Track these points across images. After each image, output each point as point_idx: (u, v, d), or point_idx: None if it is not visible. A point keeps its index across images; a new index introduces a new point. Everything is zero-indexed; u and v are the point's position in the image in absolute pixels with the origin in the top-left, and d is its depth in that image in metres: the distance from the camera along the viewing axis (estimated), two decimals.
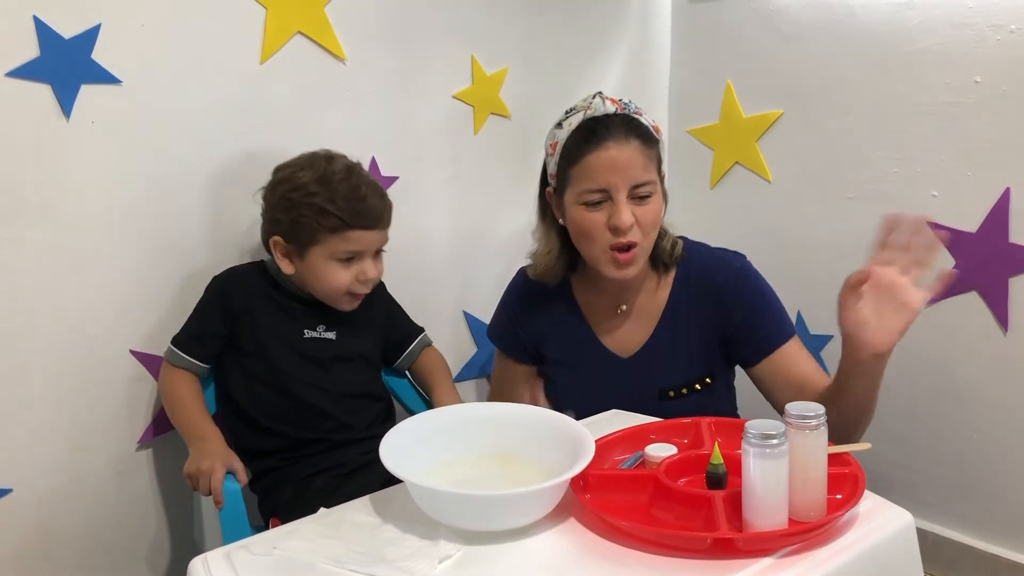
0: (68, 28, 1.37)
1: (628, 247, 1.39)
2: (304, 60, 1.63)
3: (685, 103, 2.20)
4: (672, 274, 1.51)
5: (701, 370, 1.50)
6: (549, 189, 1.48)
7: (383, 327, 1.62)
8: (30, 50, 1.34)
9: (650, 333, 1.50)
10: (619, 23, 2.11)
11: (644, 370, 1.50)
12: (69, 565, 1.51)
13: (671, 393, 1.49)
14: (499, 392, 1.67)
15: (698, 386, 1.49)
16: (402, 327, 1.66)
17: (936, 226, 1.73)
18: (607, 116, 1.40)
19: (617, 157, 1.36)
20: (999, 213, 1.64)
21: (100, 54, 1.40)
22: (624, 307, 1.52)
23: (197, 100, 1.52)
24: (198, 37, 1.50)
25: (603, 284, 1.51)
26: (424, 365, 1.65)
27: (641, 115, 1.42)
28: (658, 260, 1.50)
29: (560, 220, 1.47)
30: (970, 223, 1.69)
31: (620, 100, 1.43)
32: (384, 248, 1.50)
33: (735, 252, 1.53)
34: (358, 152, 1.68)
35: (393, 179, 1.79)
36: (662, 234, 1.49)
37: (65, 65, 1.37)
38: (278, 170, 1.48)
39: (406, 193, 1.81)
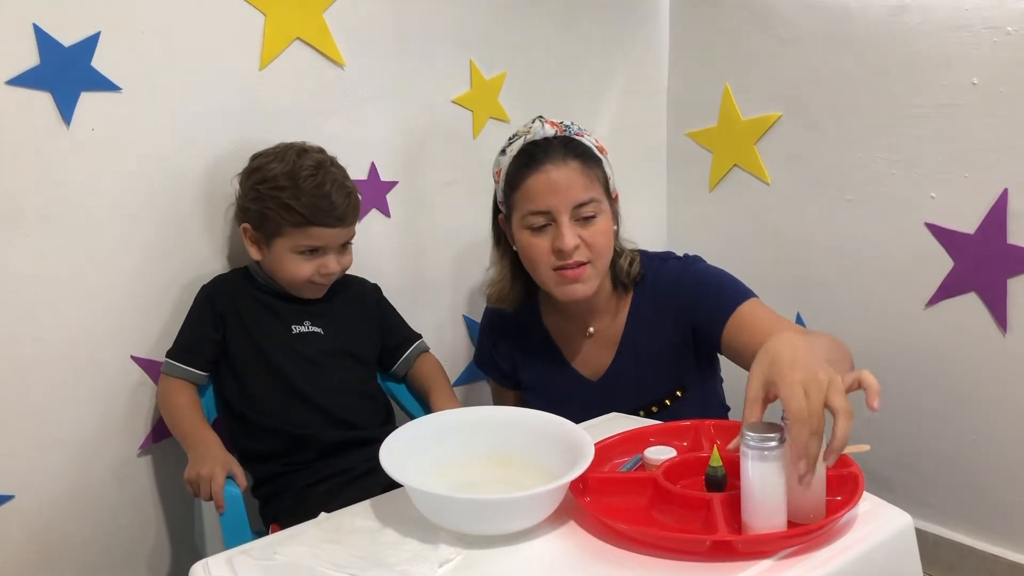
0: (68, 36, 1.37)
1: (575, 264, 1.39)
2: (303, 66, 1.63)
3: (684, 106, 2.21)
4: (630, 295, 1.52)
5: (670, 385, 1.50)
6: (501, 216, 1.51)
7: (377, 331, 1.63)
8: (30, 58, 1.35)
9: (612, 357, 1.52)
10: (617, 27, 2.11)
11: (613, 392, 1.51)
12: (71, 571, 1.51)
13: (641, 412, 1.49)
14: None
15: (668, 401, 1.50)
16: (398, 332, 1.67)
17: (934, 227, 1.74)
18: (546, 139, 1.41)
19: (556, 178, 1.37)
20: (997, 214, 1.65)
21: (100, 61, 1.41)
22: (592, 329, 1.54)
23: (197, 106, 1.52)
24: (197, 44, 1.51)
25: (570, 308, 1.52)
26: (421, 371, 1.65)
27: (583, 136, 1.44)
28: (617, 281, 1.51)
29: (513, 246, 1.49)
30: (968, 224, 1.69)
31: (561, 123, 1.44)
32: (351, 240, 1.52)
33: (682, 257, 1.53)
34: (358, 157, 1.70)
35: (392, 184, 1.79)
36: (620, 253, 1.49)
37: (65, 73, 1.37)
38: (254, 158, 1.50)
39: (406, 197, 1.81)
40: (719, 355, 1.50)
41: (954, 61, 1.67)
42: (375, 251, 1.74)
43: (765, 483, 0.94)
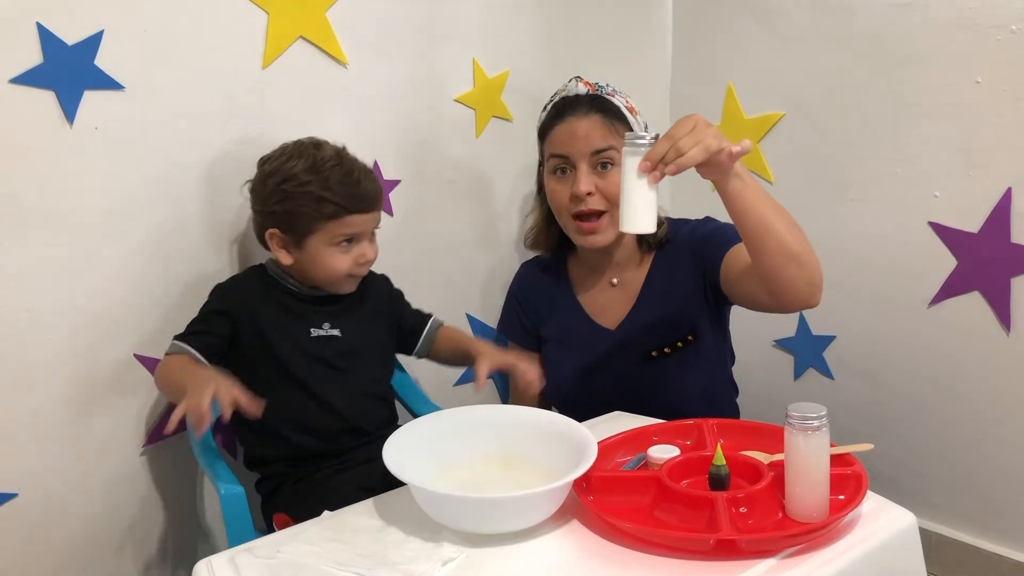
0: (71, 34, 1.37)
1: (593, 215, 1.51)
2: (306, 65, 1.63)
3: (687, 105, 2.20)
4: (653, 254, 1.62)
5: (682, 330, 1.56)
6: (542, 167, 1.63)
7: (393, 320, 1.61)
8: (33, 56, 1.34)
9: (631, 306, 1.59)
10: (620, 25, 2.11)
11: (629, 338, 1.58)
12: (73, 569, 1.51)
13: (654, 353, 1.56)
14: (512, 382, 1.76)
15: (680, 343, 1.56)
16: (411, 316, 1.64)
17: (938, 227, 1.74)
18: (577, 96, 1.56)
19: (576, 127, 1.51)
20: (1001, 213, 1.64)
21: (103, 60, 1.40)
22: (616, 280, 1.62)
23: (200, 105, 1.52)
24: (200, 42, 1.51)
25: (594, 260, 1.63)
26: (446, 338, 1.62)
27: (614, 96, 1.56)
28: (643, 240, 1.60)
29: None
30: (972, 223, 1.69)
31: (595, 83, 1.58)
32: (377, 229, 1.50)
33: (702, 219, 1.62)
34: (360, 156, 1.68)
35: (396, 183, 1.79)
36: None
37: (68, 71, 1.37)
38: (264, 162, 1.47)
39: (409, 196, 1.81)
40: (727, 307, 1.59)
41: (958, 59, 1.66)
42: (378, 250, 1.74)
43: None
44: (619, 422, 1.33)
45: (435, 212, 1.87)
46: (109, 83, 1.42)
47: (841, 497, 1.01)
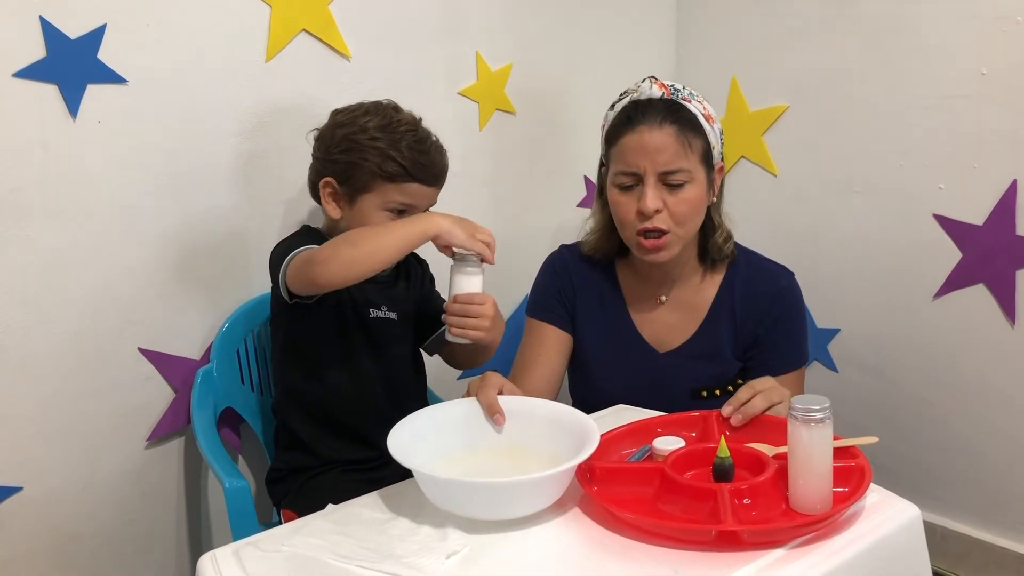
0: (74, 28, 1.37)
1: (657, 233, 1.39)
2: (309, 58, 1.63)
3: None
4: (720, 276, 1.51)
5: (734, 372, 1.50)
6: (604, 168, 1.50)
7: (419, 303, 1.54)
8: (36, 50, 1.35)
9: (691, 334, 1.50)
10: (623, 18, 2.10)
11: (679, 368, 1.50)
12: (78, 563, 1.52)
13: (704, 393, 1.49)
14: (522, 356, 1.59)
15: (730, 387, 1.48)
16: (437, 304, 1.52)
17: (943, 219, 1.74)
18: (650, 100, 1.42)
19: (648, 141, 1.38)
20: (1006, 205, 1.64)
21: (106, 54, 1.41)
22: (664, 298, 1.52)
23: (202, 99, 1.52)
24: (203, 36, 1.51)
25: (645, 271, 1.51)
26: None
27: (689, 102, 1.42)
28: (707, 255, 1.50)
29: None
30: (977, 216, 1.69)
31: (671, 86, 1.44)
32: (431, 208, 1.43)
33: (784, 267, 1.53)
34: None
35: None
36: (715, 227, 1.49)
37: (71, 65, 1.37)
38: (338, 113, 1.42)
39: None
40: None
41: (963, 51, 1.66)
42: None
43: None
44: (624, 414, 1.32)
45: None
46: (112, 77, 1.42)
47: (845, 490, 1.00)
